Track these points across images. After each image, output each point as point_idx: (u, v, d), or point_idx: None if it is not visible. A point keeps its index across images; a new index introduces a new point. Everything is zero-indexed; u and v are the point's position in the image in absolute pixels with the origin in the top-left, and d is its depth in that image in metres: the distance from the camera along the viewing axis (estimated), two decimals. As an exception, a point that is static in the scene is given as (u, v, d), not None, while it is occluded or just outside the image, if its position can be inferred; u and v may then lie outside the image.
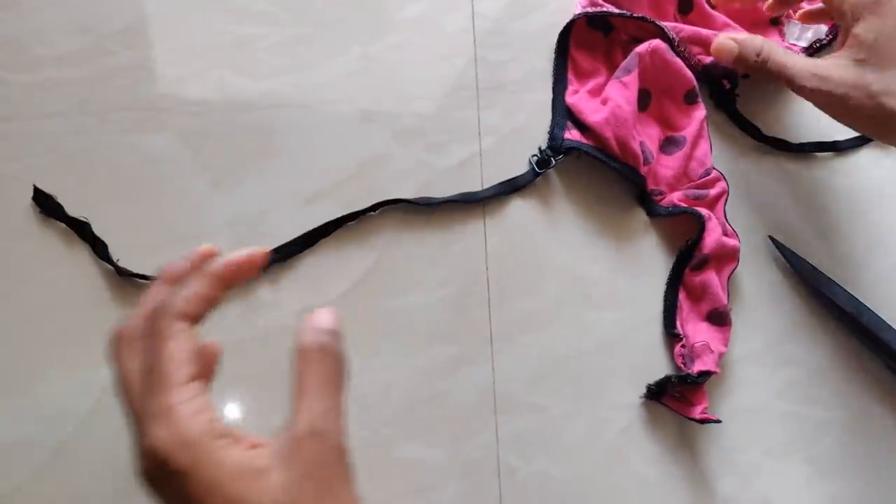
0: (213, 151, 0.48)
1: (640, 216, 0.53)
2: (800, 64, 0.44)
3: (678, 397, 0.50)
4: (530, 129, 0.53)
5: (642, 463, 0.51)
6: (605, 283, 0.52)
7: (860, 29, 0.43)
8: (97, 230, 0.45)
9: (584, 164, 0.52)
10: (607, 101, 0.50)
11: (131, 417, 0.29)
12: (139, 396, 0.29)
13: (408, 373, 0.48)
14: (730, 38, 0.47)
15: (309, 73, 0.50)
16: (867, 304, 0.55)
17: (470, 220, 0.51)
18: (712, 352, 0.51)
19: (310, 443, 0.28)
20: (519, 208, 0.52)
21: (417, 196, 0.50)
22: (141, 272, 0.45)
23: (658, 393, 0.50)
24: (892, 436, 0.55)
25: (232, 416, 0.46)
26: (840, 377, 0.55)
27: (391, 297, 0.49)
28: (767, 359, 0.54)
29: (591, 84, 0.52)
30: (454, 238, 0.50)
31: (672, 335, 0.51)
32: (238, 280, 0.31)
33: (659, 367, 0.52)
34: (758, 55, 0.46)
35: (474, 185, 0.51)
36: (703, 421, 0.49)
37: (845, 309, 0.55)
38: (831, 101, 0.44)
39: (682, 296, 0.52)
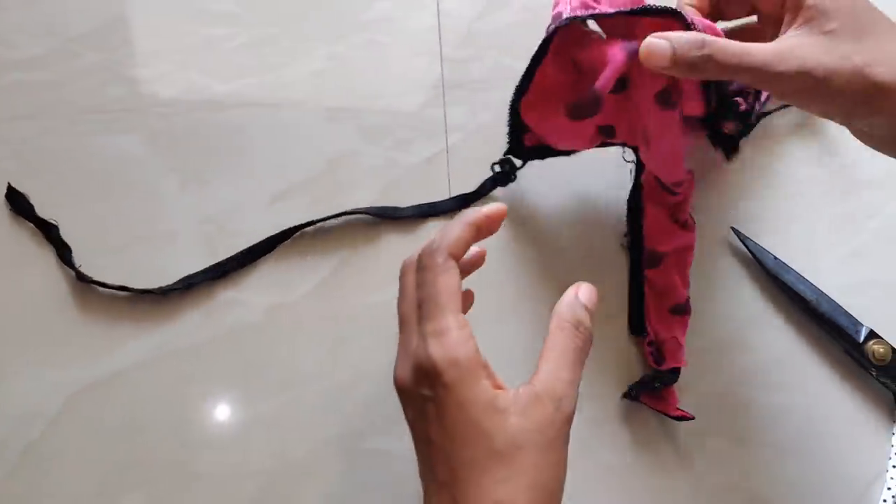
0: (181, 152, 0.48)
1: (600, 216, 0.54)
2: (765, 49, 0.36)
3: (656, 395, 0.51)
4: (497, 126, 0.53)
5: (609, 452, 0.52)
6: (566, 281, 0.53)
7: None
8: (67, 231, 0.46)
9: (545, 167, 0.53)
10: None
11: (403, 335, 0.35)
12: (416, 317, 0.34)
13: (377, 366, 0.49)
14: (657, 37, 0.37)
15: (275, 72, 0.51)
16: (826, 292, 0.56)
17: (435, 219, 0.52)
18: (681, 346, 0.52)
19: (548, 403, 0.32)
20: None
21: (385, 194, 0.50)
22: (111, 271, 0.46)
23: (636, 394, 0.51)
24: (851, 419, 0.56)
25: (207, 415, 0.47)
26: (800, 364, 0.56)
27: (358, 294, 0.49)
28: (730, 347, 0.55)
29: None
30: (420, 235, 0.51)
31: (640, 335, 0.53)
32: (487, 230, 0.36)
33: (625, 360, 0.53)
34: (700, 48, 0.36)
35: (441, 181, 0.52)
36: (678, 418, 0.51)
37: (805, 297, 0.56)
38: (813, 86, 0.36)
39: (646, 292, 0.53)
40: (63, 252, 0.46)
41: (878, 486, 0.55)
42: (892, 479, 0.55)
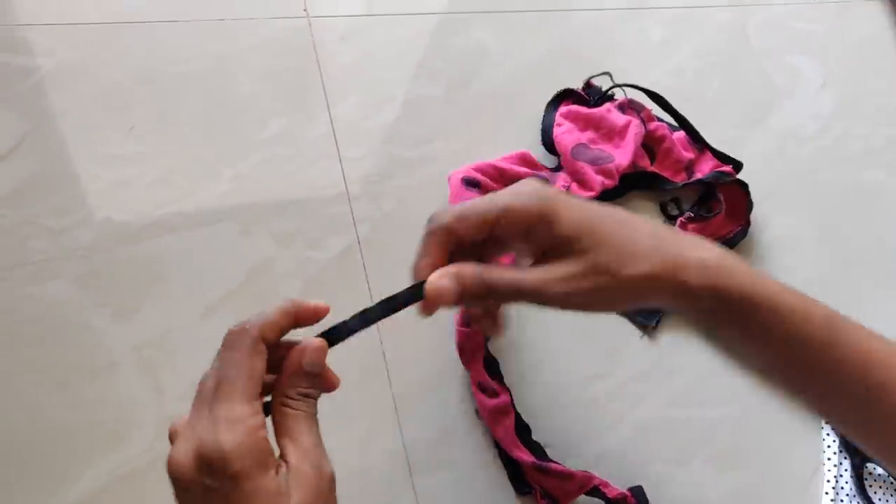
0: (107, 288, 0.52)
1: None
2: (534, 274, 0.38)
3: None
4: (400, 213, 0.58)
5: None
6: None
7: (562, 229, 0.38)
8: (5, 379, 0.49)
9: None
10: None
11: (193, 411, 0.32)
12: (211, 398, 0.32)
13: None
14: (440, 276, 0.38)
15: (187, 199, 0.55)
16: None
17: (358, 299, 0.54)
18: (569, 478, 0.53)
19: (311, 471, 0.32)
20: (403, 274, 0.56)
21: (305, 292, 0.54)
22: (59, 408, 0.49)
23: None
24: (781, 422, 0.60)
25: None
26: (725, 377, 0.60)
27: (295, 387, 0.52)
28: (653, 374, 0.59)
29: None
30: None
31: (525, 492, 0.54)
32: (304, 320, 0.36)
33: (555, 401, 0.56)
34: (481, 281, 0.38)
35: (357, 271, 0.56)
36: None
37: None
38: (587, 299, 0.38)
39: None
40: None
41: (817, 480, 0.58)
42: (828, 471, 0.58)
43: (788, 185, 0.69)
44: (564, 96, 0.65)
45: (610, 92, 0.65)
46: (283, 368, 0.35)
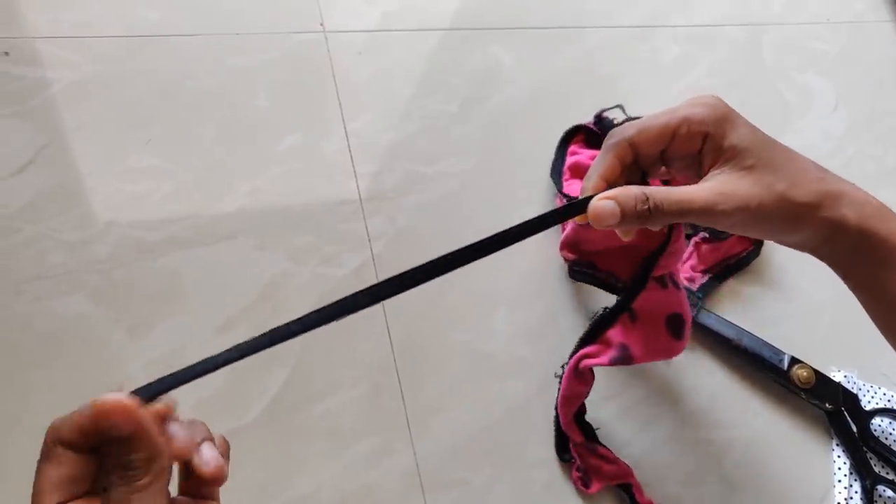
0: (123, 302, 0.52)
1: (533, 287, 0.59)
2: (702, 192, 0.39)
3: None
4: (414, 230, 0.58)
5: (570, 513, 0.55)
6: (504, 354, 0.57)
7: (734, 139, 0.39)
8: (21, 395, 0.49)
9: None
10: None
11: None
12: None
13: (335, 471, 0.51)
14: (603, 199, 0.39)
15: (203, 214, 0.55)
16: (745, 329, 0.61)
17: (372, 318, 0.55)
18: (612, 463, 0.55)
19: None
20: (415, 295, 0.56)
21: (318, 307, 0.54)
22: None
23: None
24: (791, 442, 0.60)
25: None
26: (734, 399, 0.60)
27: (309, 405, 0.52)
28: (665, 395, 0.59)
29: None
30: (359, 338, 0.55)
31: (565, 460, 0.56)
32: (115, 427, 0.28)
33: (568, 422, 0.56)
34: (645, 202, 0.39)
35: (372, 287, 0.56)
36: None
37: (727, 337, 0.60)
38: (752, 218, 0.39)
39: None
40: None
41: (828, 502, 0.58)
42: (839, 493, 0.58)
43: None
44: (574, 133, 0.64)
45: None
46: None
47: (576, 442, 0.55)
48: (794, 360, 0.60)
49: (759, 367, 0.60)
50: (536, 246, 0.60)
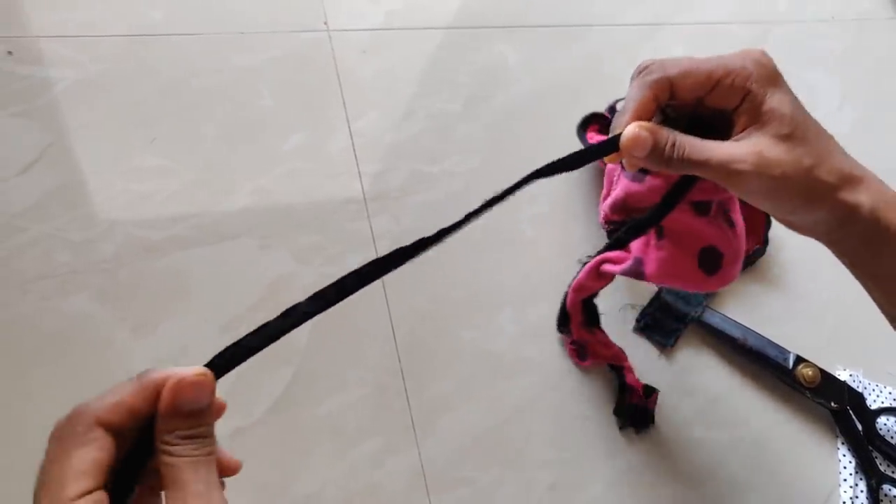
0: (128, 301, 0.52)
1: (540, 286, 0.59)
2: (729, 147, 0.38)
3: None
4: (419, 229, 0.58)
5: (574, 513, 0.55)
6: (510, 353, 0.57)
7: (775, 102, 0.38)
8: (26, 393, 0.49)
9: (474, 239, 0.58)
10: None
11: None
12: (35, 497, 0.27)
13: (340, 471, 0.51)
14: (640, 126, 0.38)
15: (207, 213, 0.55)
16: (750, 328, 0.61)
17: (376, 317, 0.55)
18: (607, 347, 0.57)
19: None
20: (421, 294, 0.56)
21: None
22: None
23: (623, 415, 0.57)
24: (796, 442, 0.60)
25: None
26: (740, 398, 0.60)
27: (314, 404, 0.52)
28: (669, 395, 0.59)
29: None
30: (365, 338, 0.55)
31: (563, 332, 0.58)
32: (172, 405, 0.28)
33: (571, 424, 0.56)
34: (673, 146, 0.38)
35: (376, 286, 0.56)
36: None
37: (733, 336, 0.60)
38: (773, 188, 0.38)
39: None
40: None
41: (833, 501, 0.58)
42: (844, 492, 0.58)
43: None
44: (590, 121, 0.64)
45: None
46: (158, 409, 0.28)
47: (577, 321, 0.57)
48: (800, 359, 0.60)
49: (765, 365, 0.60)
50: (543, 245, 0.60)
